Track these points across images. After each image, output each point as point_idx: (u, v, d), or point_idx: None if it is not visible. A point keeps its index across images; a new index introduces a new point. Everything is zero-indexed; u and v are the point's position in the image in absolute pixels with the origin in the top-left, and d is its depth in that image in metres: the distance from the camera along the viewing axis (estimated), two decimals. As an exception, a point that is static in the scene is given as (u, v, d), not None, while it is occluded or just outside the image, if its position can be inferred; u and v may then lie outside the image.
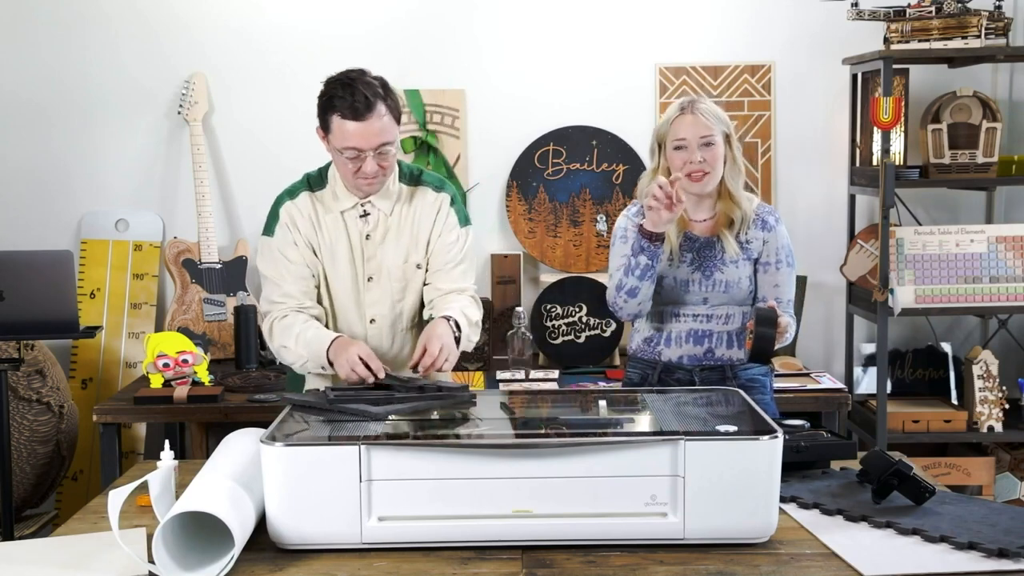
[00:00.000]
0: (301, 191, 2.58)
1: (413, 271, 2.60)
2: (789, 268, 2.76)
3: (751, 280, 2.73)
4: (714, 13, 4.06)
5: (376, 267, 2.57)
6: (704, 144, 2.66)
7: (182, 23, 4.01)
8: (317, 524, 1.82)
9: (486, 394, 2.39)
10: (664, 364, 2.77)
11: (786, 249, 2.76)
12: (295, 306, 2.54)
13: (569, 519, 1.83)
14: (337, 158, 2.46)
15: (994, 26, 3.66)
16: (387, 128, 2.41)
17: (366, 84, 2.40)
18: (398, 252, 2.58)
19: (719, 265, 2.71)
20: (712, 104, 2.72)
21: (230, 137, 4.07)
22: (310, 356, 2.47)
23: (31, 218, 4.06)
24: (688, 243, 2.73)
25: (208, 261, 3.94)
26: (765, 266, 2.74)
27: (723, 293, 2.71)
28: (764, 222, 2.75)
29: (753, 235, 2.73)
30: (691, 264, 2.72)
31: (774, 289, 2.74)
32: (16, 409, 3.62)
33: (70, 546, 1.90)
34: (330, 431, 1.92)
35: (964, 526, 1.88)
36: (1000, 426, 3.77)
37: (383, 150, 2.42)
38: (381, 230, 2.56)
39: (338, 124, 2.40)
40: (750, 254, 2.73)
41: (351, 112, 2.37)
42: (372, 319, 2.59)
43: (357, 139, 2.38)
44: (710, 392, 2.31)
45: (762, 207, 2.78)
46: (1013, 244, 3.77)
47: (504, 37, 4.06)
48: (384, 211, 2.55)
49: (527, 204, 4.05)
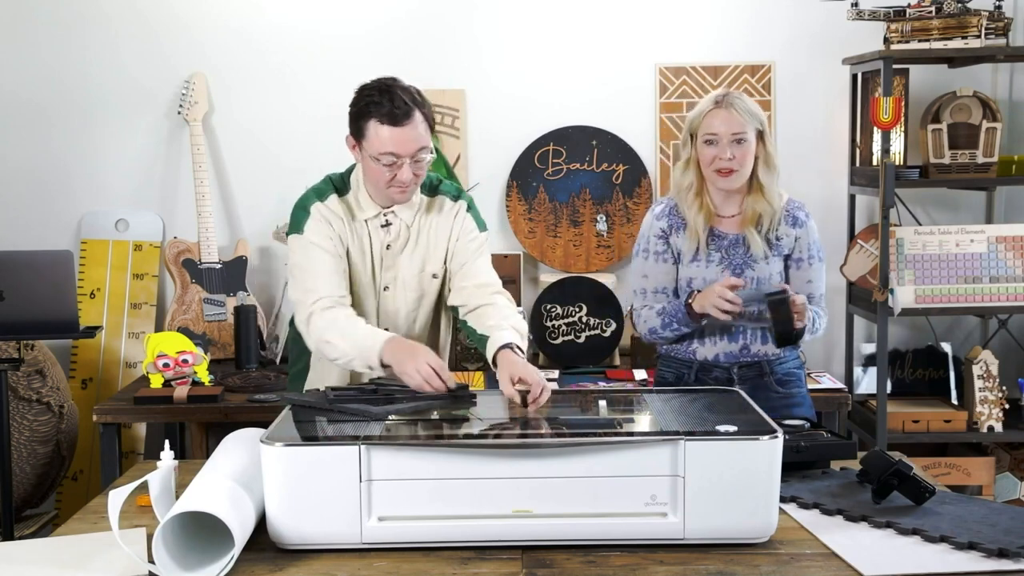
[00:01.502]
0: (329, 193, 2.53)
1: (429, 280, 2.57)
2: (820, 263, 2.77)
3: (782, 276, 2.73)
4: (714, 13, 4.06)
5: (392, 277, 2.55)
6: (735, 141, 2.63)
7: (182, 23, 4.01)
8: (317, 524, 1.82)
9: (486, 394, 2.39)
10: (700, 363, 2.75)
11: (817, 244, 2.76)
12: (337, 299, 2.45)
13: (569, 519, 1.83)
14: (371, 166, 2.41)
15: (994, 26, 3.66)
16: (423, 135, 2.39)
17: (404, 90, 2.39)
18: (414, 262, 2.55)
19: (749, 263, 2.69)
20: (747, 99, 2.68)
21: (230, 137, 4.07)
22: (357, 354, 2.37)
23: (31, 218, 4.06)
24: (716, 241, 2.71)
25: (208, 261, 3.94)
26: (798, 262, 2.74)
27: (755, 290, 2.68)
28: (795, 218, 2.74)
29: (784, 231, 2.73)
30: (720, 263, 2.70)
31: (807, 285, 2.74)
32: (16, 409, 3.62)
33: (70, 546, 1.90)
34: (330, 431, 1.93)
35: (964, 526, 1.88)
36: (1000, 426, 3.77)
37: (419, 157, 2.39)
38: (401, 240, 2.54)
39: (375, 129, 2.36)
40: (780, 250, 2.72)
41: (389, 118, 2.34)
42: (386, 327, 2.54)
43: (395, 145, 2.35)
44: (710, 392, 2.31)
45: (792, 203, 2.77)
46: (1013, 244, 3.77)
47: (504, 37, 4.06)
48: (405, 221, 2.53)
49: (527, 204, 4.05)
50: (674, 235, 2.75)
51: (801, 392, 2.79)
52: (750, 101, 2.69)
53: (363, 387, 2.26)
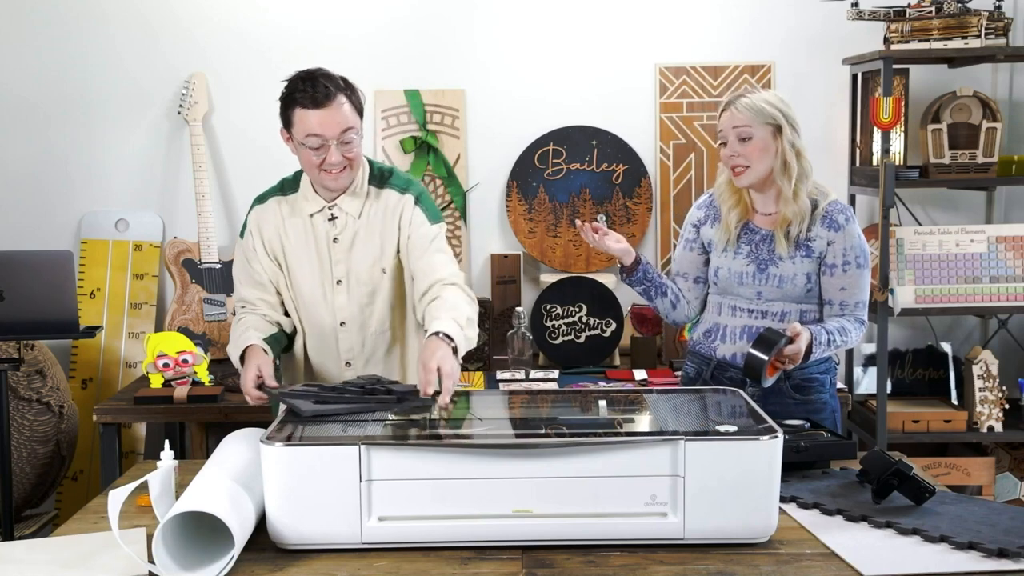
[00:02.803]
0: (271, 196, 2.63)
1: (380, 276, 2.58)
2: (859, 269, 2.62)
3: (809, 278, 2.63)
4: (714, 13, 4.06)
5: (344, 271, 2.57)
6: (740, 138, 2.61)
7: (182, 23, 4.01)
8: (317, 524, 1.82)
9: (486, 394, 2.39)
10: (718, 361, 2.73)
11: (856, 249, 2.62)
12: (250, 305, 2.59)
13: (569, 519, 1.83)
14: (301, 152, 2.47)
15: (994, 26, 3.66)
16: (348, 116, 2.43)
17: (326, 76, 2.44)
18: (366, 256, 2.57)
19: (774, 260, 2.65)
20: (758, 97, 2.62)
21: (230, 137, 4.07)
22: (233, 358, 2.51)
23: (31, 218, 4.06)
24: (748, 235, 2.70)
25: (208, 261, 3.94)
26: (831, 268, 2.62)
27: (776, 288, 2.64)
28: (832, 221, 2.62)
29: (817, 233, 2.62)
30: (747, 256, 2.68)
31: (840, 292, 2.63)
32: (16, 409, 3.62)
33: (70, 546, 1.90)
34: (330, 431, 1.92)
35: (964, 526, 1.88)
36: (1000, 426, 3.77)
37: (346, 138, 2.43)
38: (349, 233, 2.56)
39: (300, 115, 2.42)
40: (811, 252, 2.63)
41: (312, 102, 2.40)
42: (342, 322, 2.58)
43: (319, 127, 2.40)
44: (710, 392, 2.31)
45: (833, 205, 2.64)
46: (1013, 244, 3.77)
47: (504, 37, 4.06)
48: (352, 214, 2.55)
49: (527, 204, 4.05)
50: (707, 226, 2.77)
51: (822, 398, 2.69)
52: (762, 98, 2.62)
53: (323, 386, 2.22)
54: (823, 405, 2.69)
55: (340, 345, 2.59)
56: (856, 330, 2.63)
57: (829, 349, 2.59)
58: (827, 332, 2.57)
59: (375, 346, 2.62)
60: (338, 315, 2.58)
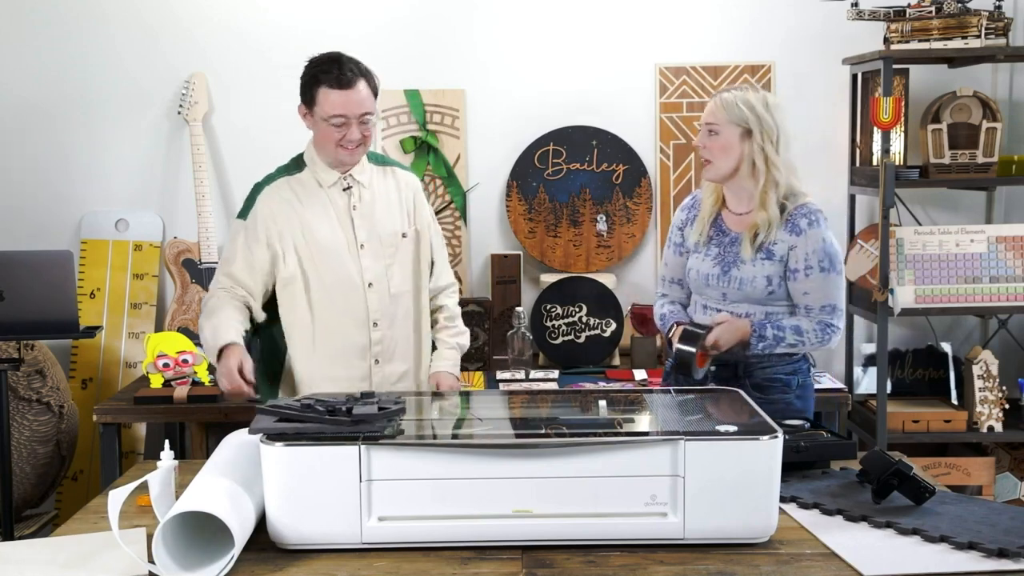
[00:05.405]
0: (280, 176, 2.75)
1: (400, 240, 2.73)
2: (823, 274, 2.60)
3: (770, 281, 2.62)
4: (714, 13, 4.06)
5: (366, 234, 2.70)
6: (708, 131, 2.64)
7: (182, 23, 4.01)
8: (317, 524, 1.82)
9: (486, 394, 2.39)
10: None
11: (819, 253, 2.60)
12: (235, 288, 2.64)
13: (569, 519, 1.83)
14: (322, 128, 2.62)
15: (994, 26, 3.66)
16: (368, 99, 2.62)
17: (350, 60, 2.63)
18: (386, 221, 2.73)
19: (737, 262, 2.65)
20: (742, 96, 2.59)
21: (230, 137, 4.07)
22: (208, 348, 2.55)
23: (31, 218, 4.06)
24: (719, 237, 2.71)
25: (208, 261, 3.94)
26: (794, 272, 2.62)
27: (738, 290, 2.65)
28: (795, 225, 2.61)
29: (779, 237, 2.62)
30: (715, 258, 2.69)
31: (804, 296, 2.62)
32: (16, 409, 3.62)
33: (70, 546, 1.90)
34: (330, 431, 1.92)
35: (964, 526, 1.89)
36: (1000, 426, 3.77)
37: (364, 119, 2.61)
38: (366, 201, 2.72)
39: (324, 94, 2.59)
40: (771, 255, 2.62)
41: (337, 83, 2.58)
42: (370, 283, 2.69)
43: (343, 107, 2.58)
44: (710, 392, 2.31)
45: (799, 209, 2.63)
46: (1013, 244, 3.77)
47: (504, 37, 4.06)
48: (363, 183, 2.72)
49: (527, 204, 4.05)
50: (688, 227, 2.79)
51: (785, 399, 2.66)
52: (743, 97, 2.59)
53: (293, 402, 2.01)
54: (786, 406, 2.64)
55: (369, 306, 2.68)
56: (818, 332, 2.61)
57: (777, 346, 2.60)
58: (774, 328, 2.59)
59: (397, 307, 2.73)
60: (366, 276, 2.69)
